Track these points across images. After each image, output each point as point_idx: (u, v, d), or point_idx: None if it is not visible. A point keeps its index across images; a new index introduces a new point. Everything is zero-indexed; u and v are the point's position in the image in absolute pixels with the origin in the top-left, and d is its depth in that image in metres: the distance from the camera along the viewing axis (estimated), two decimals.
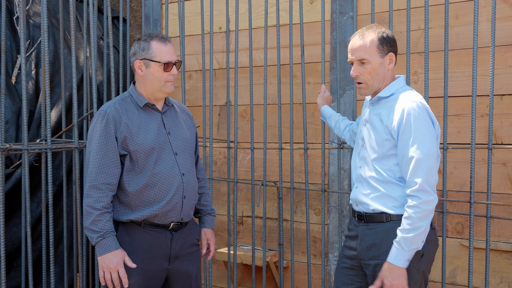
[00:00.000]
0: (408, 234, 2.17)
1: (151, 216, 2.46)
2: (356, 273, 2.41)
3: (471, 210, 2.73)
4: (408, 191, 2.20)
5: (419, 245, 2.20)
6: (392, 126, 2.26)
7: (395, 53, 2.37)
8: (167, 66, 2.47)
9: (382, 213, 2.30)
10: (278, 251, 3.43)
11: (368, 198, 2.33)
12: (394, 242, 2.21)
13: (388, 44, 2.33)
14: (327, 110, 2.86)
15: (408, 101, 2.25)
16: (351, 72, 2.35)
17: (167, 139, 2.52)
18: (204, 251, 2.73)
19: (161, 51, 2.47)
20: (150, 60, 2.47)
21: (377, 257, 2.31)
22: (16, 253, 3.79)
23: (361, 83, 2.35)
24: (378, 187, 2.31)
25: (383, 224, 2.31)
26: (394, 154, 2.30)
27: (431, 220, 2.22)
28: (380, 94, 2.35)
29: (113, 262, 2.38)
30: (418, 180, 2.17)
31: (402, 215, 2.28)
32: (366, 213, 2.34)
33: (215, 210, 2.81)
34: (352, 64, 2.36)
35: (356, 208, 2.39)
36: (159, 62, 2.46)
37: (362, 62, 2.32)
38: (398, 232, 2.21)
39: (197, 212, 2.77)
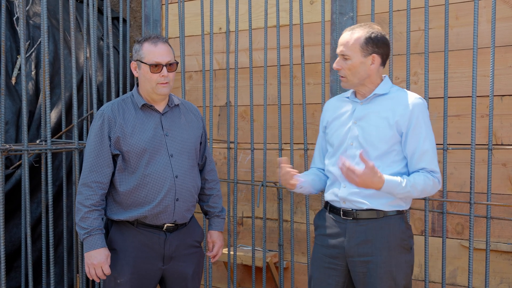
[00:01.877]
0: (408, 182, 2.25)
1: (141, 217, 2.48)
2: (338, 273, 2.41)
3: (471, 210, 2.73)
4: (431, 172, 2.30)
5: (401, 192, 2.26)
6: (402, 121, 2.30)
7: (382, 55, 2.36)
8: (155, 67, 2.45)
9: (375, 210, 2.32)
10: (278, 252, 3.43)
11: (360, 197, 2.33)
12: (399, 178, 2.24)
13: (374, 45, 2.33)
14: (304, 178, 2.49)
15: (413, 97, 2.34)
16: (334, 64, 2.39)
17: (163, 140, 2.52)
18: (209, 253, 2.73)
19: (150, 52, 2.46)
20: (140, 61, 2.49)
21: (370, 254, 2.32)
22: (16, 253, 3.79)
23: (342, 76, 2.40)
24: None
25: (376, 220, 2.33)
26: (395, 150, 2.33)
27: (416, 196, 2.32)
28: (377, 92, 2.37)
29: (96, 259, 2.43)
30: (437, 170, 2.32)
31: (395, 210, 2.34)
32: (356, 210, 2.34)
33: (225, 212, 2.78)
34: None
35: (344, 206, 2.37)
36: (147, 64, 2.46)
37: (344, 57, 2.36)
38: (406, 179, 2.25)
39: (206, 214, 2.77)
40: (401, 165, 2.35)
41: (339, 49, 2.37)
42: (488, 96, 2.94)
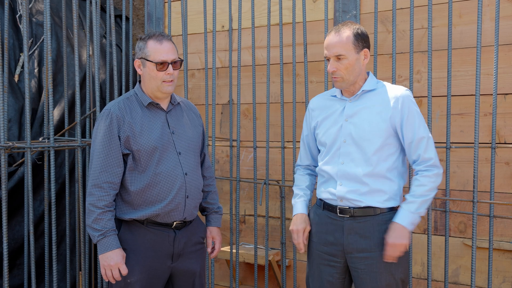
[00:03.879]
0: (418, 199, 2.33)
1: (153, 215, 2.47)
2: (338, 270, 2.44)
3: (474, 209, 2.73)
4: (422, 167, 2.36)
5: (423, 212, 2.35)
6: (395, 115, 2.34)
7: (369, 49, 2.42)
8: (161, 65, 2.44)
9: (371, 207, 2.36)
10: (281, 250, 3.43)
11: (357, 195, 2.36)
12: (402, 205, 2.35)
13: (362, 40, 2.38)
14: (304, 207, 2.57)
15: (401, 90, 2.38)
16: (328, 67, 2.39)
17: (171, 138, 2.51)
18: (209, 249, 2.74)
19: (156, 50, 2.44)
20: (145, 59, 2.47)
21: (368, 250, 2.36)
22: (19, 251, 3.80)
23: (337, 77, 2.40)
24: (366, 181, 2.35)
25: (372, 217, 2.37)
26: (390, 143, 2.37)
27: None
28: (365, 88, 2.40)
29: (113, 260, 2.40)
30: (432, 156, 2.35)
31: (390, 207, 2.37)
32: (353, 208, 2.37)
33: (222, 208, 2.80)
34: (328, 60, 2.40)
35: (340, 204, 2.40)
36: (152, 62, 2.45)
37: (338, 58, 2.36)
38: (408, 197, 2.35)
39: (203, 210, 2.77)
40: (395, 157, 2.40)
41: (331, 51, 2.37)
42: (492, 94, 2.93)
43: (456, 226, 3.24)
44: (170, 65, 2.45)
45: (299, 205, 2.56)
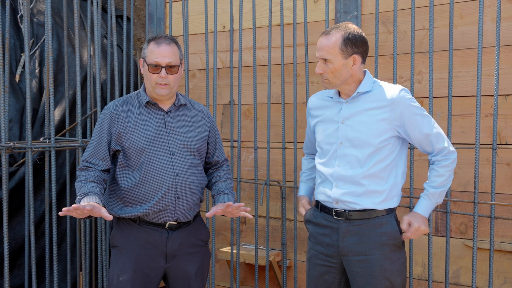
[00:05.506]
0: (438, 190, 2.37)
1: (142, 214, 2.48)
2: (334, 270, 2.45)
3: (475, 210, 2.73)
4: (439, 157, 2.38)
5: (441, 200, 2.42)
6: (392, 116, 2.32)
7: (362, 54, 2.36)
8: (152, 67, 2.46)
9: (367, 210, 2.34)
10: (281, 251, 3.43)
11: (352, 197, 2.35)
12: (422, 195, 2.39)
13: (353, 45, 2.32)
14: (306, 189, 2.71)
15: (396, 90, 2.35)
16: (316, 68, 2.38)
17: (165, 139, 2.52)
18: (241, 212, 2.44)
19: (151, 52, 2.48)
20: (144, 59, 2.52)
21: (364, 253, 2.36)
22: (20, 251, 3.80)
23: (324, 79, 2.39)
24: (362, 182, 2.34)
25: (368, 220, 2.36)
26: (389, 143, 2.35)
27: None
28: (360, 90, 2.38)
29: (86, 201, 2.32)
30: (444, 145, 2.37)
31: (385, 209, 2.36)
32: (349, 210, 2.36)
33: (228, 195, 2.60)
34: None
35: (336, 206, 2.39)
36: (146, 63, 2.49)
37: (325, 61, 2.34)
38: (427, 187, 2.38)
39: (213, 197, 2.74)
40: (393, 156, 2.38)
41: (318, 53, 2.36)
42: (493, 95, 2.93)
43: (457, 227, 3.24)
44: (163, 69, 2.46)
45: (300, 188, 2.70)
